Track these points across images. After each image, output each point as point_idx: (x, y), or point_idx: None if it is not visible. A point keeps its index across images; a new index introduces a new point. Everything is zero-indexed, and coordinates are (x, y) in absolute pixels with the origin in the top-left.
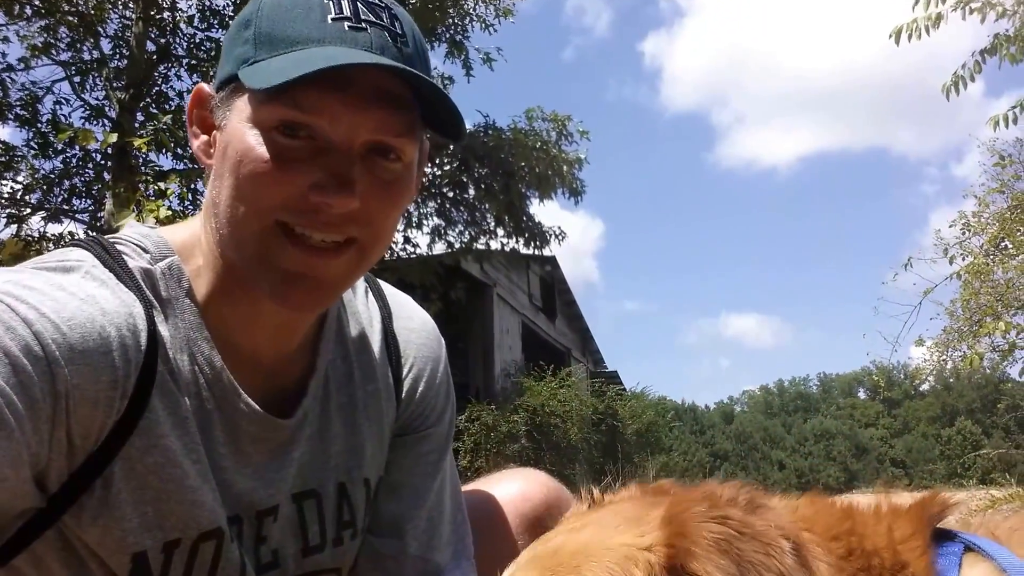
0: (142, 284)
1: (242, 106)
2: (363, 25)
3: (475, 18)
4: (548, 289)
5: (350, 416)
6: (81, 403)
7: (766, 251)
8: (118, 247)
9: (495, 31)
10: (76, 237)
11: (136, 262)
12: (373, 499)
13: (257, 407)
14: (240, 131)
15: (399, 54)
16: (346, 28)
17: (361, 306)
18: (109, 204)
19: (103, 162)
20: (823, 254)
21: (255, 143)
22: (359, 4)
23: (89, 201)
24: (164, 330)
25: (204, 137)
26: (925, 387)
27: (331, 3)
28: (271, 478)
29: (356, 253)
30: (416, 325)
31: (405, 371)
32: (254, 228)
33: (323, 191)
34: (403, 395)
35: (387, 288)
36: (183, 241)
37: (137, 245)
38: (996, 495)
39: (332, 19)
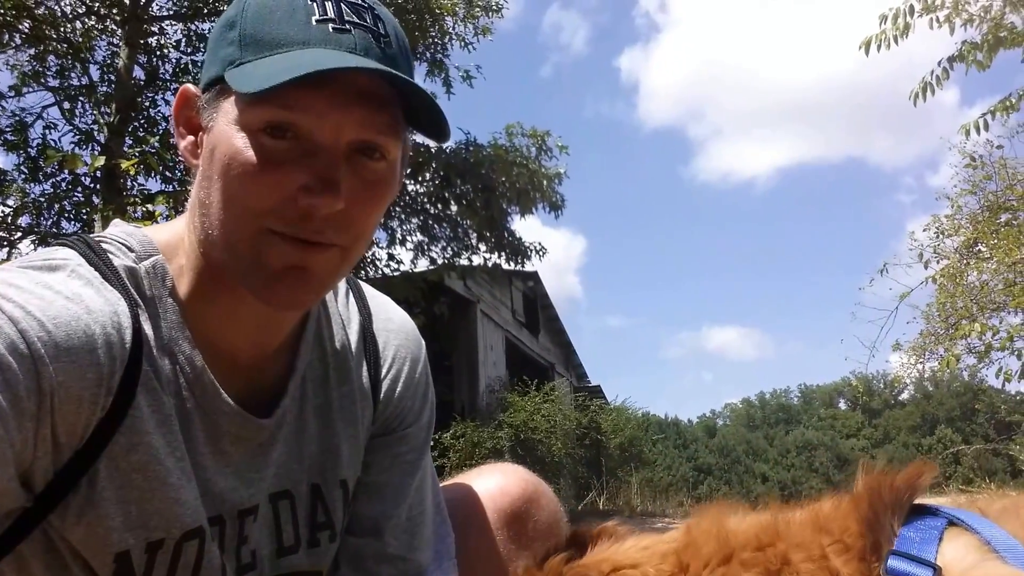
0: (127, 283)
1: (229, 108)
2: (347, 27)
3: (455, 37)
4: (531, 305)
5: (326, 417)
6: (66, 401)
7: (745, 263)
8: (103, 246)
9: (474, 49)
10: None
11: (121, 261)
12: (351, 500)
13: (236, 406)
14: (227, 133)
15: (383, 55)
16: (330, 30)
17: (341, 308)
18: (98, 227)
19: (92, 185)
20: (802, 265)
21: (242, 145)
22: (343, 5)
23: (79, 224)
24: (148, 329)
25: (191, 138)
26: (905, 396)
27: (315, 5)
28: (251, 478)
29: (340, 251)
30: (395, 327)
31: (384, 372)
32: (246, 231)
33: (309, 192)
34: (381, 397)
35: (368, 290)
36: (167, 240)
37: (122, 244)
38: (977, 499)
39: (316, 21)
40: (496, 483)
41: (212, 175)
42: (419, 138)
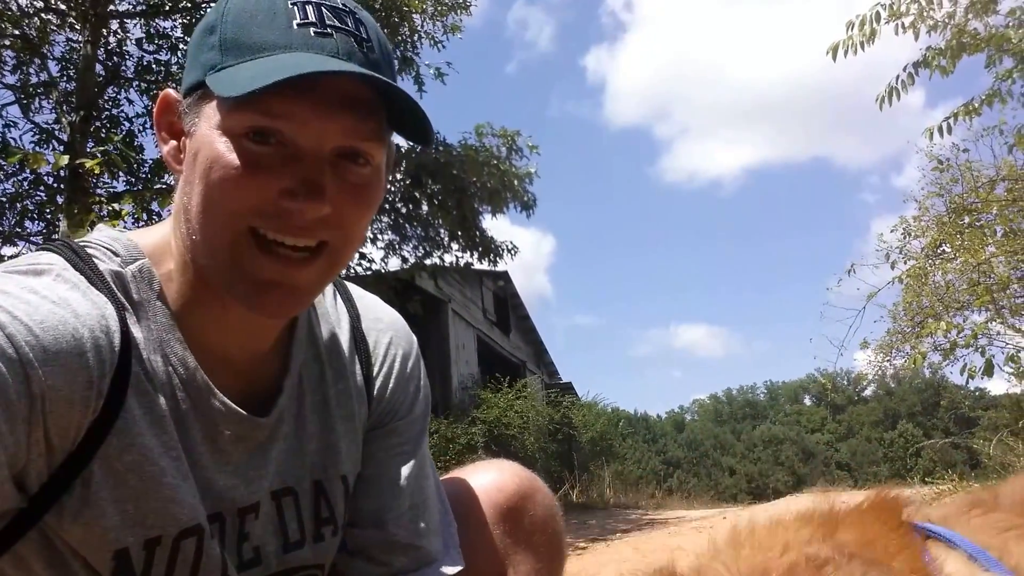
0: (113, 287)
1: (211, 112)
2: (328, 31)
3: (423, 35)
4: (502, 304)
5: (324, 415)
6: (57, 404)
7: (713, 262)
8: (88, 250)
9: (444, 47)
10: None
11: (107, 265)
12: (352, 495)
13: (233, 405)
14: (210, 138)
15: (365, 59)
16: (312, 34)
17: (331, 308)
18: (63, 226)
19: (55, 184)
20: (768, 264)
21: (225, 150)
22: (324, 9)
23: (42, 224)
24: (137, 331)
25: (173, 143)
26: (868, 392)
27: (296, 9)
28: (251, 476)
29: (327, 258)
30: (384, 325)
31: (376, 370)
32: (226, 235)
33: (293, 197)
34: (374, 393)
35: (355, 290)
36: (153, 244)
37: (107, 248)
38: (942, 488)
39: (298, 25)
40: (492, 479)
41: (194, 179)
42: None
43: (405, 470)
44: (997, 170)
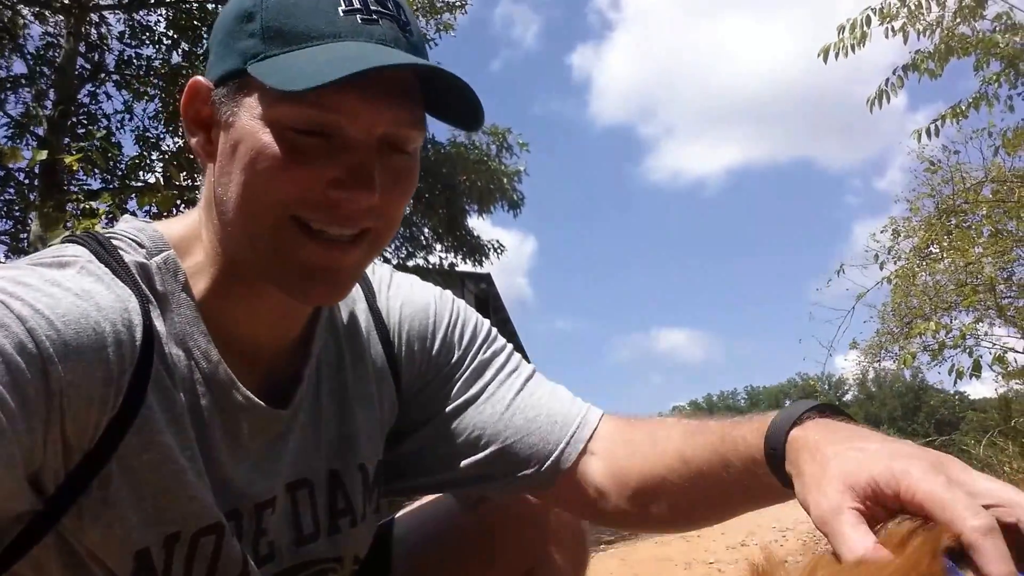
0: (138, 279)
1: (253, 103)
2: (374, 17)
3: None
4: (483, 306)
5: (342, 401)
6: (75, 401)
7: (694, 264)
8: (114, 242)
9: (435, 45)
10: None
11: (132, 256)
12: (462, 473)
13: (255, 398)
14: (253, 128)
15: (408, 44)
16: (359, 21)
17: None
18: (34, 225)
19: (27, 181)
20: (750, 266)
21: (269, 140)
22: None
23: (11, 222)
24: (160, 325)
25: (202, 134)
26: (849, 397)
27: None
28: (268, 469)
29: (369, 243)
30: (402, 294)
31: (396, 344)
32: (268, 222)
33: (343, 187)
34: (402, 365)
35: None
36: (180, 236)
37: (132, 240)
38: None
39: (344, 11)
40: None
41: (232, 171)
42: None
43: (505, 400)
44: (987, 172)
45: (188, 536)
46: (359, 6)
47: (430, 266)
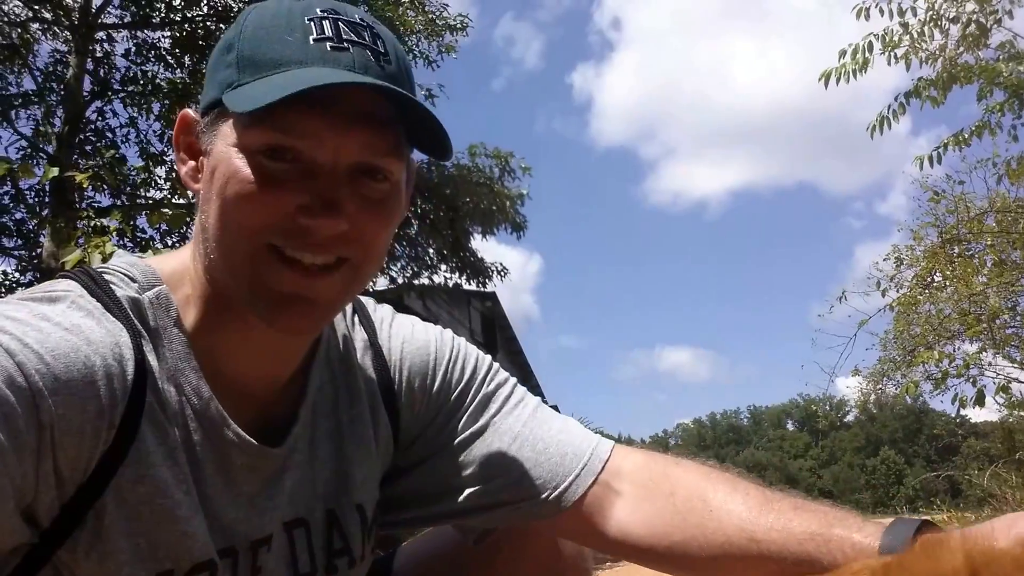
0: (130, 313)
1: (227, 131)
2: (345, 45)
3: (418, 54)
4: (489, 325)
5: (337, 441)
6: (67, 434)
7: (698, 284)
8: (106, 276)
9: (438, 67)
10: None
11: (124, 291)
12: (474, 503)
13: (247, 436)
14: (226, 155)
15: (382, 72)
16: (328, 48)
17: (347, 328)
18: (47, 242)
19: (36, 199)
20: (753, 287)
21: (240, 166)
22: (341, 24)
23: (21, 240)
24: (152, 360)
25: (192, 163)
26: (850, 418)
27: (313, 25)
28: (264, 507)
29: (348, 272)
30: (403, 332)
31: (396, 381)
32: (244, 250)
33: (310, 213)
34: (402, 402)
35: (369, 304)
36: (172, 270)
37: (125, 274)
38: (936, 518)
39: (314, 40)
40: None
41: (211, 197)
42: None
43: (511, 431)
44: (990, 202)
45: (181, 573)
46: (330, 34)
47: (435, 285)
